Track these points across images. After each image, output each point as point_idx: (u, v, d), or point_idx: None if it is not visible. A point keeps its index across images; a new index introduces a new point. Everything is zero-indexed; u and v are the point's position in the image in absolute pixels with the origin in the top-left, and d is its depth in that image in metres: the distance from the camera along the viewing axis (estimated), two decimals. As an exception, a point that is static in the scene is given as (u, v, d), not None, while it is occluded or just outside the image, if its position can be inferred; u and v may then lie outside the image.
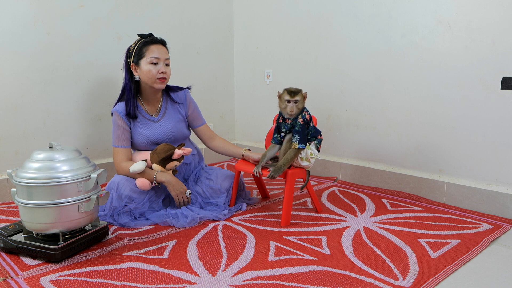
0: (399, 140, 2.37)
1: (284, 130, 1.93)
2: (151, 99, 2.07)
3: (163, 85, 2.01)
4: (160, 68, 1.97)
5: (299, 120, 1.89)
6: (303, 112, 1.91)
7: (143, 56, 1.96)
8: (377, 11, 2.36)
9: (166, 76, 2.00)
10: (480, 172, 2.09)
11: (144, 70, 1.96)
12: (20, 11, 2.24)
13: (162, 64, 1.98)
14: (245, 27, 3.14)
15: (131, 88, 2.01)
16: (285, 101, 1.88)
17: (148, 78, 1.97)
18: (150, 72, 1.96)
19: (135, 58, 1.98)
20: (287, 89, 1.90)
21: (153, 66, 1.96)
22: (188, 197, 2.00)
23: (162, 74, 1.97)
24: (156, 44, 1.98)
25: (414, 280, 1.40)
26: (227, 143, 2.22)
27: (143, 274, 1.44)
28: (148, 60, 1.95)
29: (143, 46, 1.97)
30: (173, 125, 2.08)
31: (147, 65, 1.96)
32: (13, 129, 2.29)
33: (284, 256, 1.57)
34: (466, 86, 2.07)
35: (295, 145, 1.85)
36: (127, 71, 2.03)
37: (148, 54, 1.96)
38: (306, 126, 1.90)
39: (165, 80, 2.01)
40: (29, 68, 2.30)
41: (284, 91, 1.90)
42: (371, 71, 2.43)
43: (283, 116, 1.94)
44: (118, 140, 2.02)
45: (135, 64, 1.99)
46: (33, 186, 1.50)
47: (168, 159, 1.95)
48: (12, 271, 1.46)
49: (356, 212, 2.06)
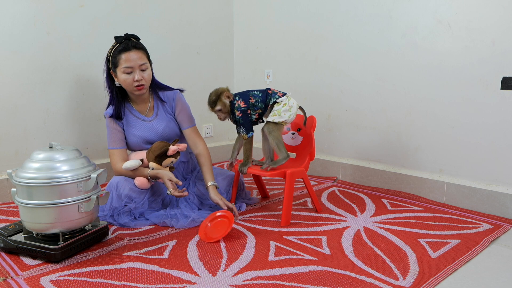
0: (399, 140, 2.37)
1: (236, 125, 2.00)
2: (138, 101, 2.06)
3: (142, 91, 1.97)
4: (135, 76, 1.91)
5: (237, 114, 1.93)
6: (235, 104, 1.92)
7: (118, 65, 1.92)
8: (377, 11, 2.36)
9: (144, 82, 1.94)
10: (480, 172, 2.09)
11: (121, 79, 1.94)
12: (20, 11, 2.24)
13: (137, 71, 1.91)
14: (245, 27, 3.14)
15: (115, 92, 2.01)
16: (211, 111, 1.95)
17: (126, 86, 1.96)
18: (126, 81, 1.93)
19: (112, 66, 1.95)
20: (208, 100, 1.93)
21: (128, 75, 1.92)
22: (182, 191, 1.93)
23: (137, 82, 1.92)
24: (128, 52, 1.90)
25: (414, 280, 1.40)
26: (203, 164, 2.03)
27: (143, 274, 1.44)
28: (122, 69, 1.91)
29: (117, 55, 1.92)
30: (165, 125, 2.07)
31: (122, 75, 1.92)
32: (13, 129, 2.29)
33: (284, 256, 1.57)
34: (466, 86, 2.07)
35: (245, 137, 1.93)
36: (107, 76, 2.01)
37: (121, 63, 1.90)
38: (248, 111, 1.93)
39: (143, 86, 1.95)
40: (29, 68, 2.30)
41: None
42: (371, 71, 2.43)
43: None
44: (112, 142, 2.02)
45: (113, 72, 1.97)
46: (33, 186, 1.50)
47: (164, 155, 1.95)
48: (12, 271, 1.46)
49: (356, 212, 2.06)
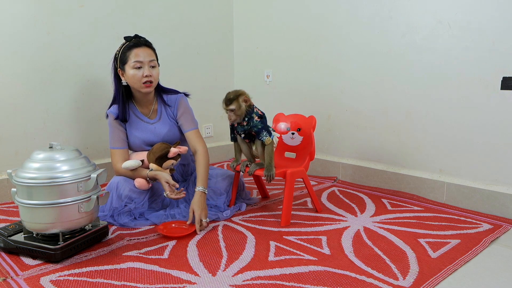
0: (399, 140, 2.37)
1: (242, 132, 1.94)
2: (143, 102, 2.05)
3: (150, 89, 1.96)
4: (144, 72, 1.91)
5: (256, 118, 1.89)
6: (254, 110, 1.91)
7: (127, 60, 1.92)
8: (377, 11, 2.35)
9: (152, 79, 1.94)
10: (480, 172, 2.09)
11: (129, 75, 1.93)
12: (20, 11, 2.24)
13: (146, 67, 1.91)
14: (245, 27, 3.14)
15: (121, 92, 2.00)
16: (224, 109, 1.89)
17: (134, 83, 1.94)
18: (135, 76, 1.92)
19: (120, 63, 1.95)
20: (225, 97, 1.87)
21: (137, 70, 1.91)
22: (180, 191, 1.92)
23: (146, 77, 1.91)
24: (139, 47, 1.92)
25: (414, 280, 1.40)
26: (199, 168, 1.95)
27: (143, 274, 1.44)
28: (132, 64, 1.90)
29: (126, 51, 1.92)
30: (168, 129, 2.05)
31: (131, 70, 1.91)
32: (13, 129, 2.29)
33: (284, 256, 1.57)
34: (466, 86, 2.07)
35: (268, 140, 1.88)
36: (115, 76, 2.01)
37: (131, 58, 1.90)
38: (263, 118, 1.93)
39: (151, 83, 1.95)
40: (29, 68, 2.30)
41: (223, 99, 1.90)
42: (371, 71, 2.43)
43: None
44: (114, 142, 2.02)
45: (121, 69, 1.96)
46: (33, 186, 1.50)
47: (164, 157, 1.94)
48: (12, 271, 1.46)
49: (356, 212, 2.06)
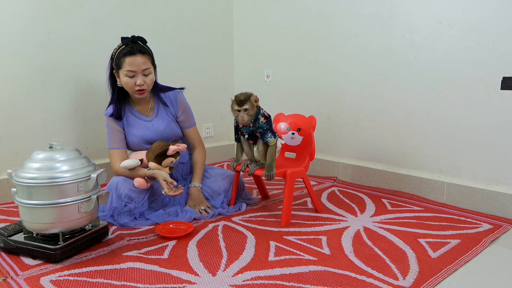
0: (399, 140, 2.37)
1: (246, 133, 1.93)
2: (139, 101, 2.06)
3: (143, 96, 1.97)
4: (137, 81, 1.91)
5: (261, 120, 1.89)
6: (260, 111, 1.90)
7: (121, 67, 1.92)
8: (377, 11, 2.35)
9: (145, 87, 1.94)
10: (480, 172, 2.09)
11: (123, 81, 1.94)
12: (20, 11, 2.24)
13: (139, 76, 1.91)
14: (245, 27, 3.14)
15: (116, 92, 2.00)
16: (235, 110, 1.86)
17: (127, 89, 1.97)
18: (128, 84, 1.93)
19: (116, 66, 1.95)
20: (236, 98, 1.86)
21: (130, 78, 1.92)
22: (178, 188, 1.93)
23: (138, 87, 1.93)
24: (133, 56, 1.90)
25: (414, 280, 1.40)
26: (195, 163, 2.12)
27: (143, 274, 1.44)
28: (125, 72, 1.91)
29: (121, 57, 1.92)
30: (166, 125, 2.06)
31: (125, 77, 1.92)
32: (13, 129, 2.29)
33: (284, 256, 1.57)
34: (466, 86, 2.07)
35: (273, 142, 1.88)
36: (110, 75, 2.01)
37: (125, 66, 1.90)
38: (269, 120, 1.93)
39: (144, 91, 1.96)
40: (29, 68, 2.30)
41: (233, 100, 1.87)
42: (371, 71, 2.43)
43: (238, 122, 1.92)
44: (112, 142, 2.02)
45: (116, 72, 1.97)
46: (33, 186, 1.50)
47: (163, 155, 1.94)
48: (12, 271, 1.46)
49: (356, 212, 2.06)
